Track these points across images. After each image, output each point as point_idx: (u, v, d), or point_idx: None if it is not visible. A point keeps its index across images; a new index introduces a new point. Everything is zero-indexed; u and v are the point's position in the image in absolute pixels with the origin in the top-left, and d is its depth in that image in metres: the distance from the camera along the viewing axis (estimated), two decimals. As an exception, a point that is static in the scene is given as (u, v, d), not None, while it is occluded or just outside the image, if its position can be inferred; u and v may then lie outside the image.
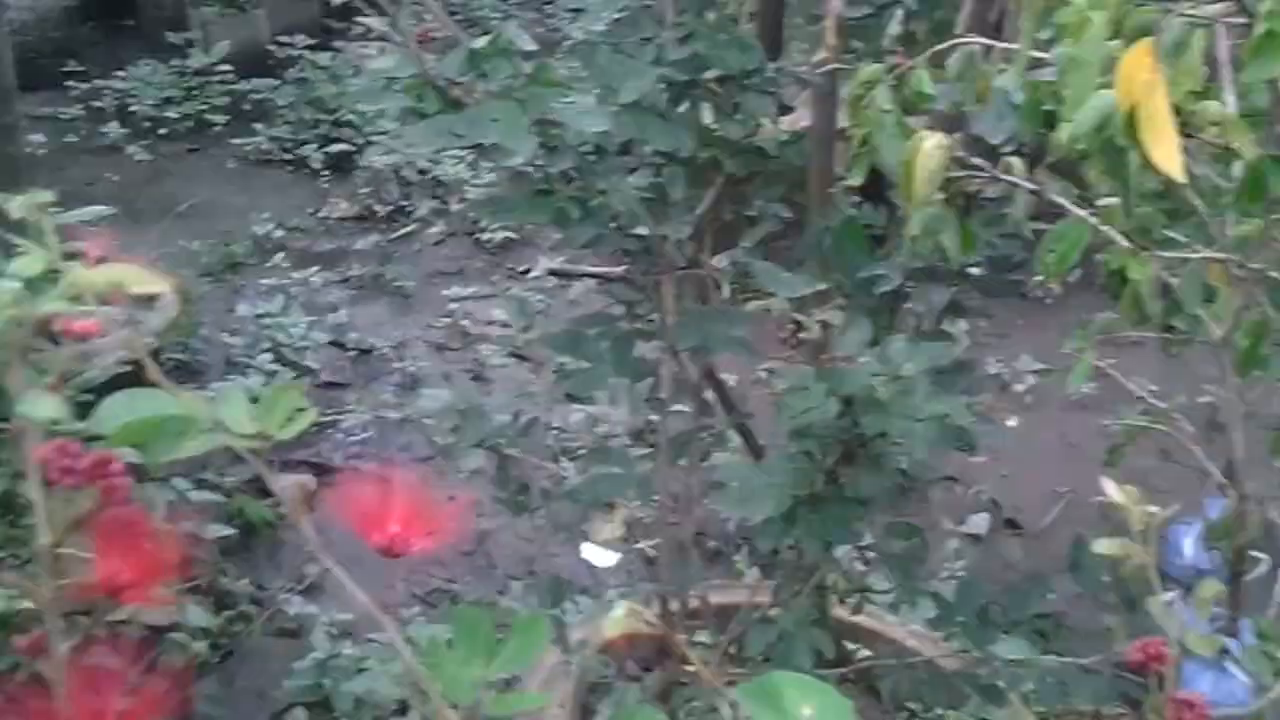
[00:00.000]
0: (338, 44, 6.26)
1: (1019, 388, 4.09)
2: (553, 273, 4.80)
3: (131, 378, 3.15)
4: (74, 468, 0.72)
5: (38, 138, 5.18)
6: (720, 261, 1.64)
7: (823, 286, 1.44)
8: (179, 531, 0.76)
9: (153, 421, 0.90)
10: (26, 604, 2.55)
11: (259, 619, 3.16)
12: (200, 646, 2.86)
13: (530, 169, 1.48)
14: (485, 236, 5.03)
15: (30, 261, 0.87)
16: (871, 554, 1.70)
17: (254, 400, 0.94)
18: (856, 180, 1.38)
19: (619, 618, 0.84)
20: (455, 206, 5.21)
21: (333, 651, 2.90)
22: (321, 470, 3.65)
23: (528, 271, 4.84)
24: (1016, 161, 1.36)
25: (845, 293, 1.48)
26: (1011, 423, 3.89)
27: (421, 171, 5.32)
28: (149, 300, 3.35)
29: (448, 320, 4.53)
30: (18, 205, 0.97)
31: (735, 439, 1.83)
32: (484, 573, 3.44)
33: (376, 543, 0.96)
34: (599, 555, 3.48)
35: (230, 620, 3.10)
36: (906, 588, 1.59)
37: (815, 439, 1.42)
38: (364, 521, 0.95)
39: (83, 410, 2.80)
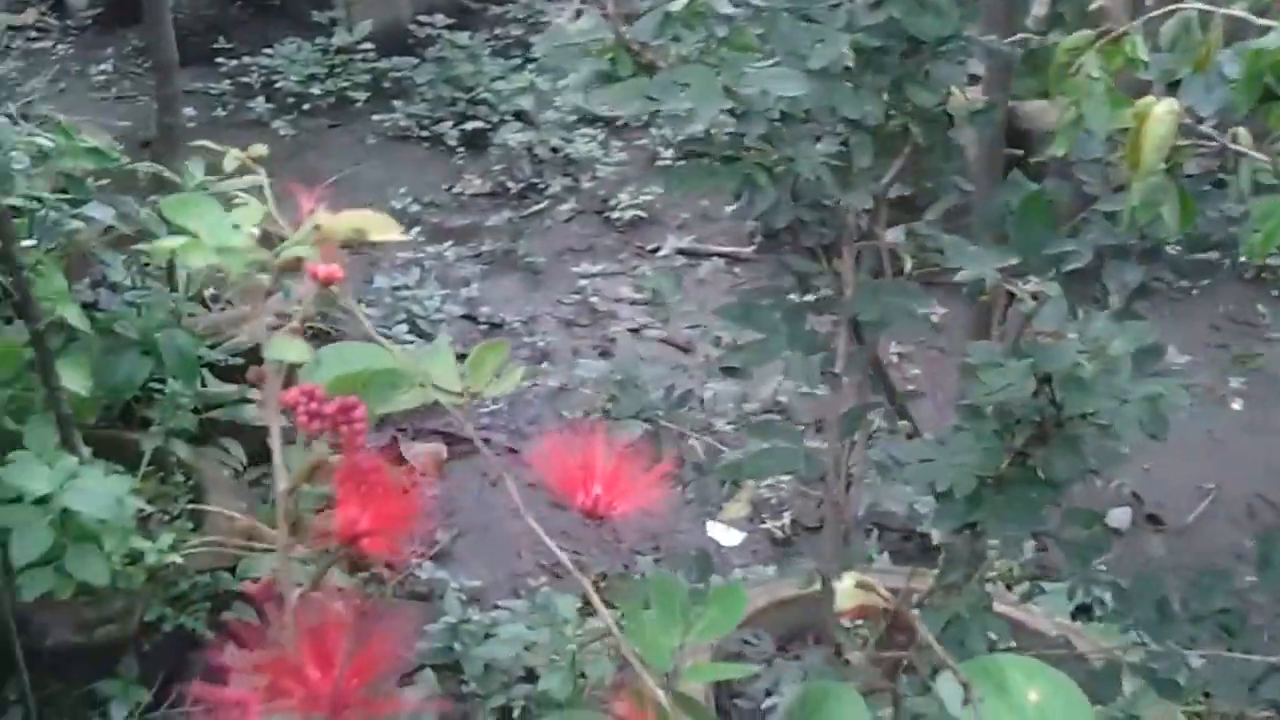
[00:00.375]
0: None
1: (1165, 380, 3.97)
2: (681, 252, 4.76)
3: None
4: (320, 412, 0.69)
5: (189, 111, 5.25)
6: (893, 235, 1.58)
7: (1014, 260, 1.38)
8: (417, 483, 0.72)
9: (365, 375, 0.87)
10: (175, 558, 2.60)
11: (391, 582, 3.16)
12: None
13: (705, 137, 1.43)
14: (615, 215, 5.00)
15: (250, 212, 0.84)
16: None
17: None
18: (1060, 150, 1.32)
19: (850, 589, 0.79)
20: (586, 184, 5.18)
21: (463, 616, 2.90)
22: (452, 440, 3.65)
23: (657, 250, 4.80)
24: (1244, 132, 1.28)
25: (1031, 270, 1.42)
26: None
27: (554, 150, 5.30)
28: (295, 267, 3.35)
29: (577, 297, 4.50)
30: (231, 158, 0.94)
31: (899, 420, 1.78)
32: (610, 547, 3.41)
33: (578, 505, 0.92)
34: (725, 534, 3.45)
35: (364, 582, 3.10)
36: (1083, 576, 1.52)
37: (1006, 418, 1.35)
38: (565, 483, 0.91)
39: (232, 371, 2.81)
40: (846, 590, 0.80)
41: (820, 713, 0.94)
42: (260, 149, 0.91)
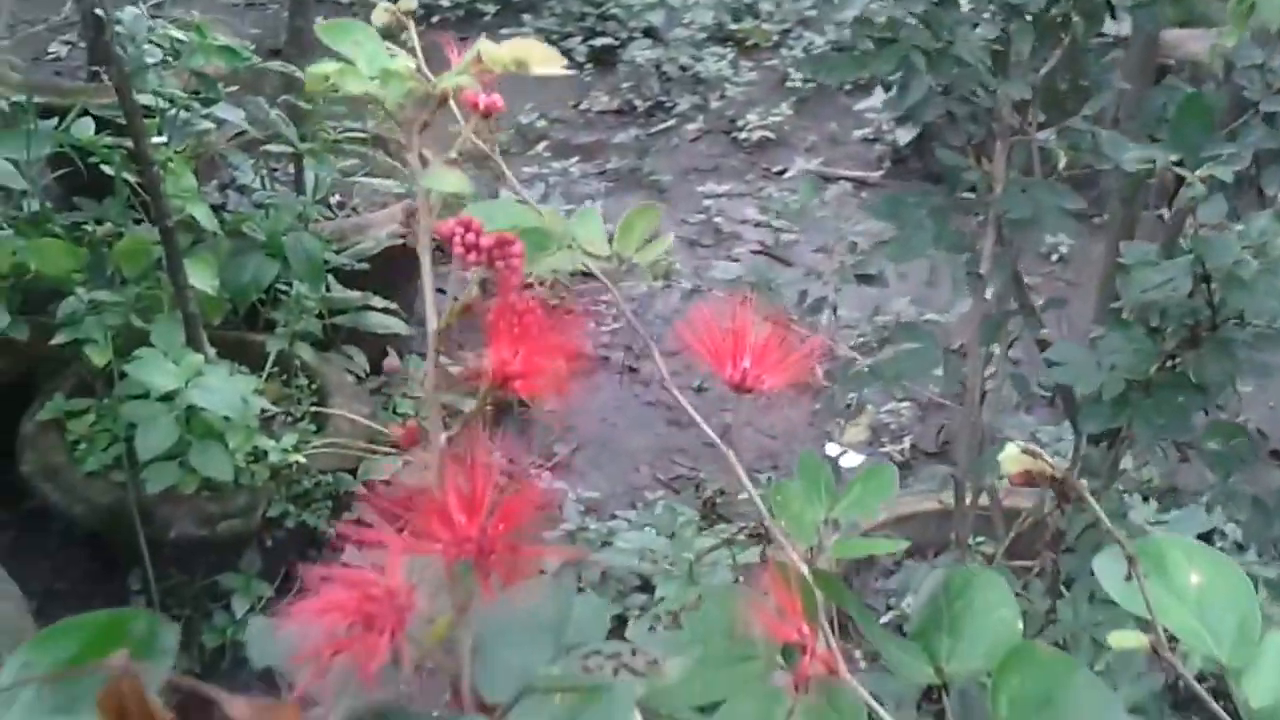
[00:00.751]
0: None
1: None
2: (809, 174, 4.71)
3: (402, 250, 3.19)
4: (477, 244, 0.68)
5: (319, 19, 5.27)
6: (1043, 135, 1.54)
7: (1175, 157, 1.33)
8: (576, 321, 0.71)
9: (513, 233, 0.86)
10: (298, 458, 2.64)
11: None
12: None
13: (859, 21, 1.40)
14: (742, 136, 4.95)
15: (401, 59, 0.83)
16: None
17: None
18: (1229, 42, 1.27)
19: (1016, 455, 0.77)
20: (715, 104, 5.14)
21: (581, 525, 2.92)
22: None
23: (784, 172, 4.75)
24: None
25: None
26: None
27: (683, 68, 5.26)
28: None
29: (701, 217, 4.48)
30: (379, 12, 0.93)
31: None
32: (726, 464, 3.40)
33: (727, 377, 0.91)
34: (844, 456, 3.42)
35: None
36: (1224, 490, 1.48)
37: (1158, 319, 1.32)
38: (714, 355, 0.90)
39: (356, 278, 2.83)
40: (1012, 455, 0.78)
41: (964, 597, 0.93)
42: (410, 3, 0.89)
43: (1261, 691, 0.77)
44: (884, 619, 2.23)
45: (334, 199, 3.51)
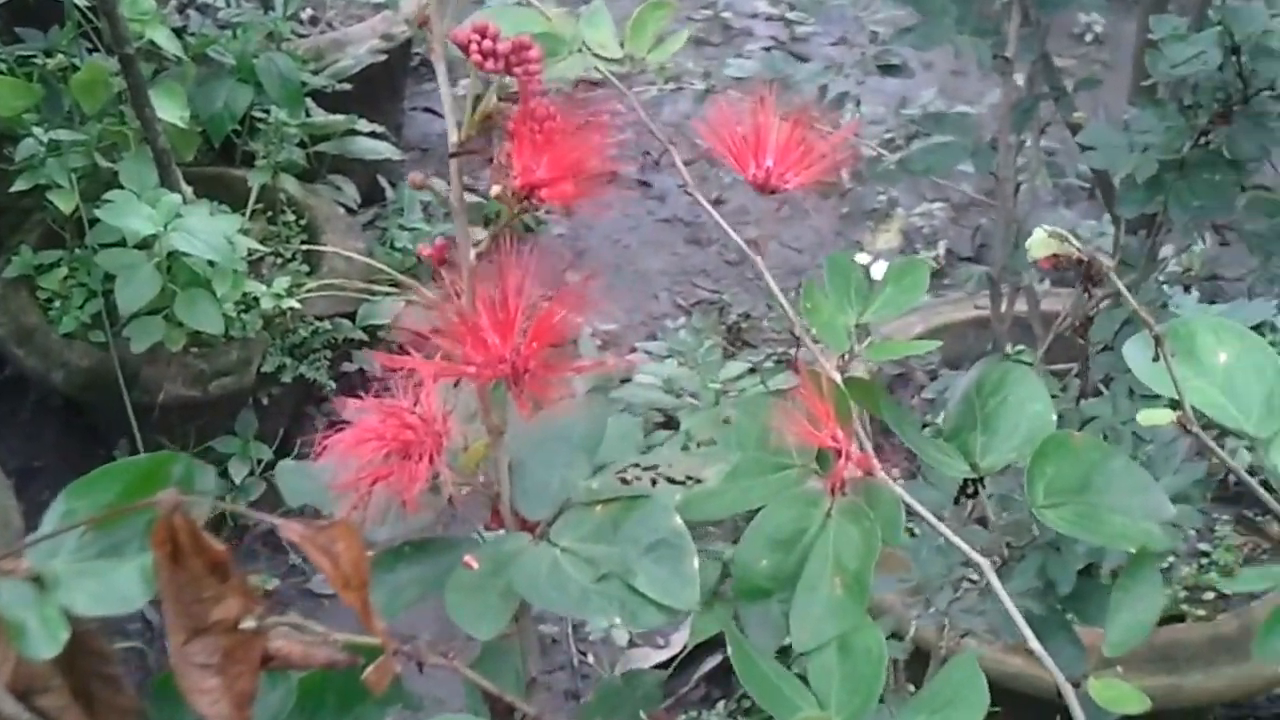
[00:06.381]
0: None
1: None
2: (823, -39, 4.68)
3: (384, 68, 3.18)
4: (494, 50, 0.74)
5: None
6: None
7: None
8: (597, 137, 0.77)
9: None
10: (292, 303, 2.68)
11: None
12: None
13: None
14: (746, -80, 4.91)
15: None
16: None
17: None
18: None
19: (1044, 239, 0.84)
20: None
21: (598, 358, 2.97)
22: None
23: (797, -37, 4.72)
24: None
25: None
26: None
27: None
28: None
29: (708, 13, 4.47)
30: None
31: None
32: (751, 285, 3.45)
33: (750, 178, 0.97)
34: (875, 266, 3.47)
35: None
36: (1266, 272, 1.56)
37: (1189, 94, 1.38)
38: (736, 155, 0.96)
39: (337, 101, 2.83)
40: (1040, 240, 0.85)
41: (998, 394, 1.01)
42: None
43: (1291, 459, 0.85)
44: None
45: (306, 14, 3.50)
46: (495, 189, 0.75)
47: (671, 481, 0.90)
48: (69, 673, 0.75)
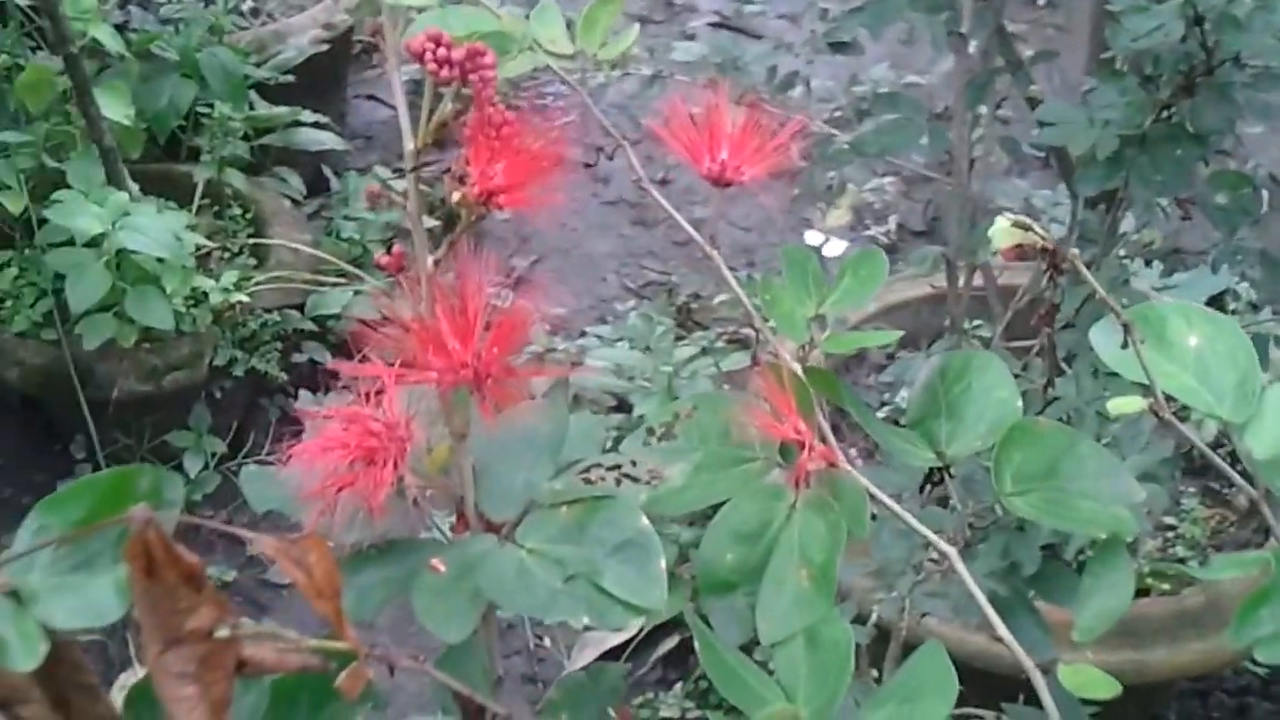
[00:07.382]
0: None
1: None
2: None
3: (327, 58, 3.18)
4: (449, 58, 0.74)
5: None
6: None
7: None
8: (553, 132, 0.77)
9: (471, 40, 0.92)
10: (241, 297, 2.68)
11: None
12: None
13: None
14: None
15: None
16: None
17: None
18: None
19: (1006, 228, 0.84)
20: None
21: (549, 345, 2.97)
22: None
23: (740, -67, 4.71)
24: None
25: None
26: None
27: None
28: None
29: (649, -11, 4.46)
30: None
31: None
32: (700, 264, 3.45)
33: (704, 171, 0.96)
34: (827, 245, 3.46)
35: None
36: (1230, 246, 1.56)
37: (1151, 67, 1.38)
38: (689, 148, 0.96)
39: (281, 92, 2.82)
40: (1003, 228, 0.85)
41: (961, 381, 1.01)
42: None
43: (1265, 443, 0.86)
44: (879, 415, 2.31)
45: (246, 6, 3.50)
46: (454, 196, 0.74)
47: (635, 481, 0.90)
48: (48, 683, 0.75)
